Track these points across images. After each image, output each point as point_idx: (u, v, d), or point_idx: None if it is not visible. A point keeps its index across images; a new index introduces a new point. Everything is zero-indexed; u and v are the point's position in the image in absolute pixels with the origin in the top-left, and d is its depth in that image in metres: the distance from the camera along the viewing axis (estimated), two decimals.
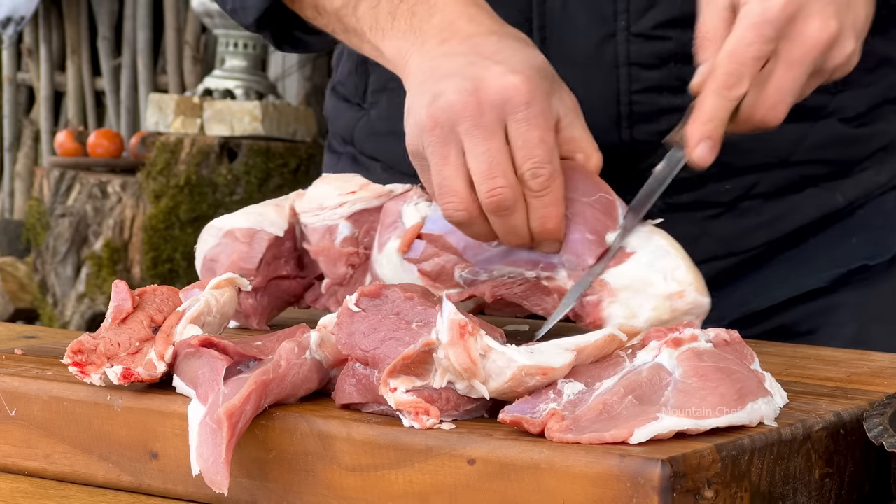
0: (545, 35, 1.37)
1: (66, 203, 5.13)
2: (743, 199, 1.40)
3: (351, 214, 1.24)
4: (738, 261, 1.41)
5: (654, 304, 1.12)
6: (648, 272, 1.13)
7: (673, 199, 1.37)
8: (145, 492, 1.01)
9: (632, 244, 1.14)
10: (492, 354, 0.93)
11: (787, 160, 1.40)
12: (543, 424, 0.90)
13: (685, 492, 0.85)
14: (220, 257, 1.25)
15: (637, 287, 1.13)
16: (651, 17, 1.35)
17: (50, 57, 6.18)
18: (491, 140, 1.12)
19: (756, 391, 0.94)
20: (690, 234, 1.39)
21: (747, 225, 1.41)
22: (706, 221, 1.40)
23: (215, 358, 0.99)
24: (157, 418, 1.00)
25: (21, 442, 1.05)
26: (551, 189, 1.13)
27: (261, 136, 4.89)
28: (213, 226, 1.27)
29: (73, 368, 1.02)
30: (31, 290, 5.32)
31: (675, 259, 1.14)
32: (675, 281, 1.12)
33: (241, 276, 1.12)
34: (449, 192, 1.14)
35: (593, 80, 1.36)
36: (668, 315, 1.12)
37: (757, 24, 1.14)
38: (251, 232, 1.25)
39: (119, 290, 1.07)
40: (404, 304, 0.98)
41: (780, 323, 1.42)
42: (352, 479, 0.93)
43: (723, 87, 1.15)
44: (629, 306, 1.12)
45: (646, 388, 0.93)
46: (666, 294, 1.12)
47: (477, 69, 1.14)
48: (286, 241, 1.26)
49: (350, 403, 0.97)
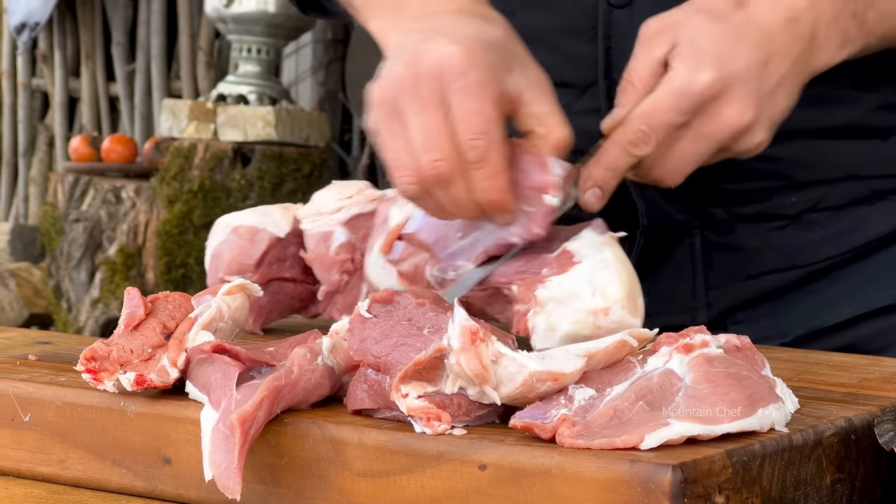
0: (610, 44, 1.37)
1: (80, 208, 5.14)
2: (810, 211, 1.38)
3: (347, 220, 1.24)
4: (803, 273, 1.39)
5: (574, 317, 1.09)
6: (579, 285, 1.10)
7: (736, 211, 1.37)
8: (158, 497, 1.01)
9: (580, 252, 1.12)
10: (503, 360, 0.93)
11: (856, 175, 1.39)
12: (554, 430, 0.90)
13: (696, 497, 0.85)
14: (224, 253, 1.26)
15: (562, 299, 1.10)
16: None
17: (64, 62, 6.20)
18: (427, 112, 1.10)
19: (767, 397, 0.94)
20: (753, 246, 1.38)
21: (813, 238, 1.39)
22: (770, 233, 1.38)
23: (228, 364, 1.00)
24: (170, 424, 1.00)
25: (35, 447, 1.05)
26: (489, 160, 1.10)
27: (274, 141, 4.90)
28: (223, 221, 1.28)
29: (87, 375, 1.03)
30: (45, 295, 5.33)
31: (613, 273, 1.10)
32: (602, 296, 1.09)
33: (243, 275, 1.12)
34: (398, 166, 1.13)
35: None
36: (588, 331, 1.08)
37: (679, 93, 1.15)
38: (254, 230, 1.26)
39: (131, 297, 1.08)
40: (416, 310, 0.98)
41: (850, 340, 1.39)
42: (364, 485, 0.93)
43: (628, 144, 1.16)
44: (550, 319, 1.10)
45: (656, 393, 0.93)
46: (590, 309, 1.09)
47: (422, 43, 1.13)
48: (291, 245, 1.27)
49: (362, 409, 0.97)
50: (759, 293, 1.39)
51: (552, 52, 1.39)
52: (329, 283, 1.25)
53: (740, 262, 1.38)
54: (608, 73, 1.37)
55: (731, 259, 1.38)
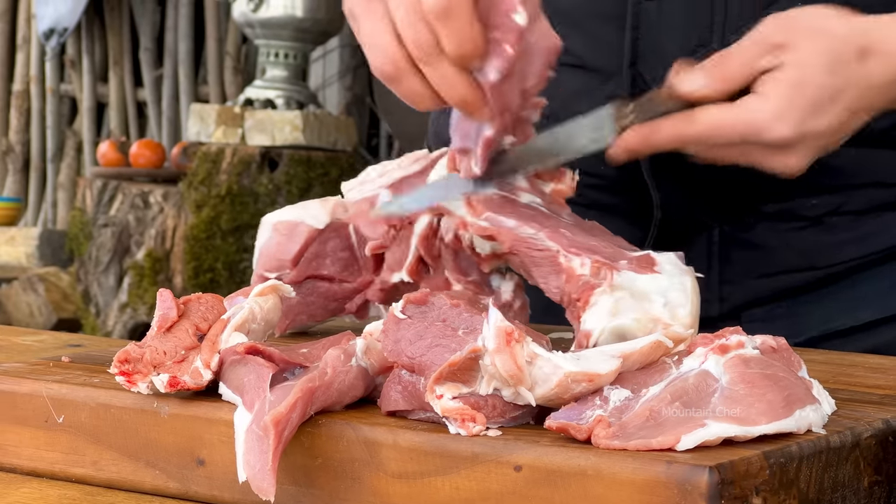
0: (637, 35, 1.37)
1: (108, 213, 5.16)
2: (831, 214, 1.38)
3: (391, 183, 1.23)
4: (822, 275, 1.39)
5: (638, 316, 1.08)
6: (654, 293, 1.10)
7: (757, 208, 1.37)
8: (192, 498, 1.01)
9: (663, 266, 1.12)
10: (538, 361, 0.93)
11: (882, 182, 1.39)
12: (590, 431, 0.90)
13: (733, 499, 0.85)
14: (266, 251, 1.26)
15: (636, 295, 1.09)
16: (748, 31, 1.34)
17: (92, 68, 6.22)
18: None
19: (804, 398, 0.93)
20: (771, 245, 1.38)
21: (833, 240, 1.38)
22: (789, 233, 1.38)
23: (261, 365, 0.99)
24: (204, 425, 1.00)
25: (69, 449, 1.05)
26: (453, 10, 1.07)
27: (301, 145, 4.91)
28: (266, 220, 1.28)
29: (120, 378, 1.03)
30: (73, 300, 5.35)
31: (687, 300, 1.10)
32: (671, 313, 1.09)
33: (282, 271, 1.11)
34: (374, 45, 1.11)
35: None
36: (642, 332, 1.06)
37: (751, 129, 1.16)
38: (292, 224, 1.25)
39: (164, 299, 1.08)
40: (450, 310, 0.98)
41: (872, 344, 1.38)
42: (398, 486, 0.93)
43: (681, 139, 1.17)
44: (617, 304, 1.09)
45: (692, 394, 0.92)
46: (655, 317, 1.08)
47: None
48: (331, 240, 1.26)
49: (396, 410, 0.97)
50: (774, 292, 1.39)
51: (583, 35, 1.39)
52: (375, 236, 1.23)
53: (757, 260, 1.38)
54: (633, 63, 1.37)
55: (748, 255, 1.38)
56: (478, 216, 1.14)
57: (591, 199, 1.40)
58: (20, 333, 1.55)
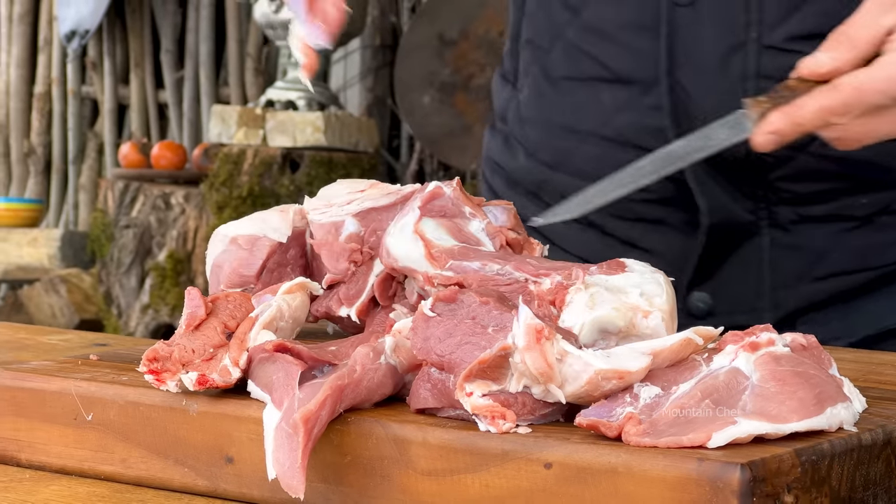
0: (672, 42, 1.36)
1: (130, 214, 5.16)
2: (881, 213, 1.37)
3: (358, 212, 1.22)
4: (874, 276, 1.38)
5: (617, 305, 1.06)
6: (628, 286, 1.07)
7: (805, 211, 1.36)
8: (221, 496, 1.01)
9: (633, 267, 1.09)
10: (568, 359, 0.93)
11: None
12: (620, 428, 0.90)
13: (765, 496, 0.84)
14: (224, 264, 1.23)
15: (610, 289, 1.07)
16: (784, 29, 1.33)
17: (114, 70, 6.23)
18: None
19: (835, 396, 0.93)
20: (821, 247, 1.36)
21: (885, 239, 1.37)
22: (839, 235, 1.37)
23: (290, 363, 0.99)
24: (233, 423, 1.00)
25: (98, 446, 1.05)
26: None
27: (323, 146, 4.91)
28: (220, 232, 1.24)
29: (150, 376, 1.03)
30: (95, 301, 5.36)
31: (662, 290, 1.08)
32: (648, 301, 1.06)
33: (245, 287, 1.10)
34: None
35: (719, 91, 1.34)
36: (623, 323, 1.04)
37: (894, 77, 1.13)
38: (253, 238, 1.22)
39: (192, 297, 1.08)
40: (480, 308, 0.98)
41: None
42: (427, 484, 0.93)
43: (829, 111, 1.14)
44: (593, 298, 1.06)
45: (723, 392, 0.92)
46: (634, 305, 1.06)
47: None
48: (291, 248, 1.24)
49: (425, 408, 0.97)
50: (826, 295, 1.38)
51: (618, 48, 1.39)
52: (335, 271, 1.22)
53: (808, 263, 1.37)
54: (671, 71, 1.36)
55: (798, 260, 1.37)
56: (441, 267, 1.13)
57: (638, 214, 1.39)
58: (46, 333, 1.56)
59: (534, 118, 1.48)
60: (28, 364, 1.12)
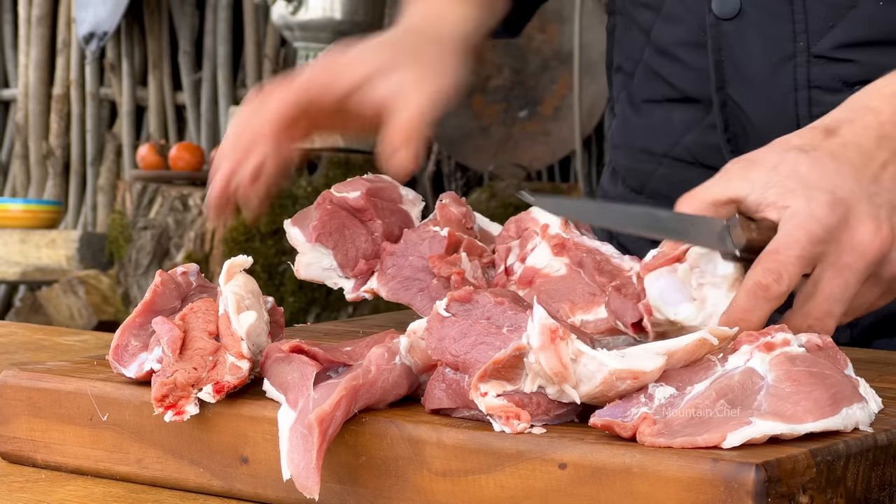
0: (721, 57, 1.36)
1: (147, 216, 5.17)
2: None
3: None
4: None
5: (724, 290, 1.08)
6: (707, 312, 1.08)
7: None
8: (236, 496, 1.01)
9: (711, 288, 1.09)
10: (583, 359, 0.93)
11: None
12: (635, 428, 0.90)
13: (780, 497, 0.84)
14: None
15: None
16: (831, 37, 1.31)
17: (132, 72, 6.25)
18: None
19: (850, 396, 0.93)
20: None
21: None
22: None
23: (305, 363, 1.00)
24: (248, 423, 1.00)
25: (113, 447, 1.06)
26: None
27: (341, 148, 4.91)
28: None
29: (169, 413, 1.01)
30: (113, 302, 5.38)
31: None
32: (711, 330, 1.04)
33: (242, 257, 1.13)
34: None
35: (771, 103, 1.33)
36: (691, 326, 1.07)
37: (803, 224, 1.05)
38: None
39: (160, 323, 1.04)
40: (494, 308, 0.98)
41: None
42: (442, 484, 0.93)
43: (757, 287, 1.05)
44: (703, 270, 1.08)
45: (738, 392, 0.92)
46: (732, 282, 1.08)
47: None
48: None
49: (440, 408, 0.97)
50: None
51: (680, 67, 1.39)
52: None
53: None
54: (721, 86, 1.36)
55: None
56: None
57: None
58: (63, 333, 1.56)
59: (621, 144, 1.49)
60: (44, 365, 1.12)
